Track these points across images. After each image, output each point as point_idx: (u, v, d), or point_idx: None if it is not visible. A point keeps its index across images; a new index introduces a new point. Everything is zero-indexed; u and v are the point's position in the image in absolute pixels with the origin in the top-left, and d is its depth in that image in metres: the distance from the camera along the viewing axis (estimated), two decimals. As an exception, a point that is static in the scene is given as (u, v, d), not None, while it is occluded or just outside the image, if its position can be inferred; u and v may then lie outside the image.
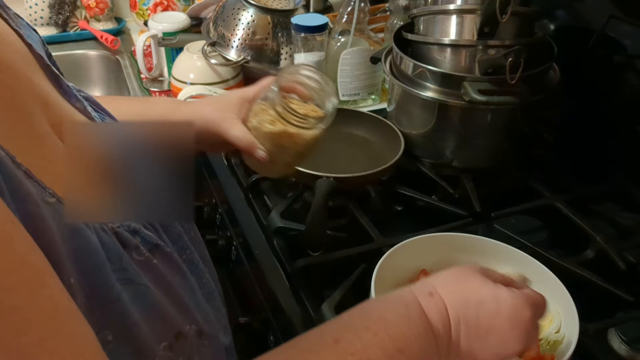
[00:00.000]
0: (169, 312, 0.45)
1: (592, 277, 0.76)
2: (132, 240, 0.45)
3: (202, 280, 0.56)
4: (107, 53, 1.48)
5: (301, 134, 0.66)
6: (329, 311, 0.69)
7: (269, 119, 0.66)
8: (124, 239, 0.44)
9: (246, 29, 1.21)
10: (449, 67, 0.89)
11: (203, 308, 0.51)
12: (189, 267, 0.53)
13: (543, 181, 0.94)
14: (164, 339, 0.44)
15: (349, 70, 1.16)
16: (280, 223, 0.83)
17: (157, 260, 0.47)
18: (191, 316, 0.47)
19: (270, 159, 0.67)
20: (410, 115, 0.96)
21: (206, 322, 0.50)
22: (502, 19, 0.81)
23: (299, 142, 0.67)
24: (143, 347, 0.42)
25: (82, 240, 0.39)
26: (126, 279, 0.42)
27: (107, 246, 0.41)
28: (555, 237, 0.86)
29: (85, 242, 0.39)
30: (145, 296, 0.43)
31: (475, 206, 0.88)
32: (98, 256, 0.40)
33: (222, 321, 0.58)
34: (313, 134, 0.67)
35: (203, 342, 0.48)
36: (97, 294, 0.39)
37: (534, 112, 0.94)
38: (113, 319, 0.40)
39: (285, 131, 0.66)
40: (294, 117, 0.65)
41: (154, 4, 1.48)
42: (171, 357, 0.44)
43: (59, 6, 1.49)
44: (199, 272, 0.56)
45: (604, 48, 0.96)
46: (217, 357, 0.52)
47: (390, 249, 0.69)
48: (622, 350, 0.67)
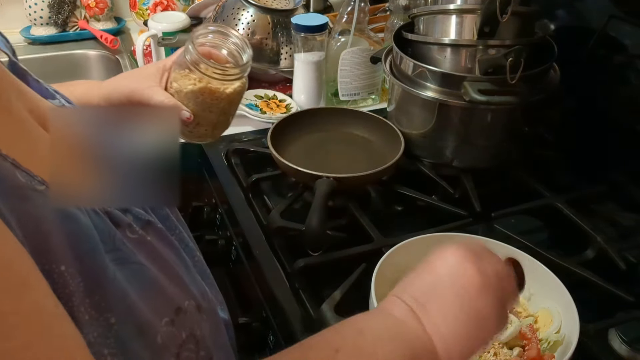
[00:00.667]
0: (167, 288, 0.45)
1: (592, 277, 0.76)
2: (124, 218, 0.45)
3: (195, 258, 0.57)
4: (107, 53, 1.48)
5: (222, 88, 0.69)
6: (329, 311, 0.69)
7: (189, 82, 0.68)
8: (116, 217, 0.44)
9: (246, 29, 1.21)
10: (449, 67, 0.89)
11: (199, 284, 0.51)
12: (181, 245, 0.53)
13: (543, 181, 0.94)
14: (165, 314, 0.44)
15: (349, 70, 1.16)
16: (280, 223, 0.83)
17: (151, 237, 0.47)
18: (189, 291, 0.48)
19: (195, 120, 0.69)
20: (410, 115, 0.96)
21: (203, 297, 0.50)
22: (502, 19, 0.81)
23: (221, 97, 0.69)
24: (145, 325, 0.42)
25: (74, 224, 0.39)
26: (120, 258, 0.42)
27: (99, 227, 0.41)
28: (555, 237, 0.86)
29: (77, 226, 0.39)
30: (142, 274, 0.44)
31: (475, 206, 0.88)
32: (92, 239, 0.40)
33: (218, 297, 0.59)
34: (234, 87, 0.69)
35: (202, 316, 0.48)
36: (94, 277, 0.39)
37: (534, 112, 0.93)
38: (113, 300, 0.40)
39: (207, 87, 0.68)
40: (213, 70, 0.67)
41: (154, 4, 1.48)
42: (174, 332, 0.44)
43: (58, 6, 1.49)
44: (190, 251, 0.56)
45: (604, 48, 0.96)
46: (217, 331, 0.52)
47: (390, 249, 0.69)
48: (622, 351, 0.67)
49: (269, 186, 0.96)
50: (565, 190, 0.92)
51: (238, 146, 1.03)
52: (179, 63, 0.70)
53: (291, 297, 0.75)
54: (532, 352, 0.61)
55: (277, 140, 0.93)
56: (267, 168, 0.97)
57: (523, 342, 0.62)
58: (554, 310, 0.65)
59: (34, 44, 1.48)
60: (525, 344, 0.62)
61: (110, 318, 0.40)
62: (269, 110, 1.15)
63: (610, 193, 0.94)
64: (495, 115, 0.90)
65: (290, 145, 0.97)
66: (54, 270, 0.36)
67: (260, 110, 1.14)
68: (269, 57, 1.22)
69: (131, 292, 0.42)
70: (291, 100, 1.18)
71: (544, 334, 0.63)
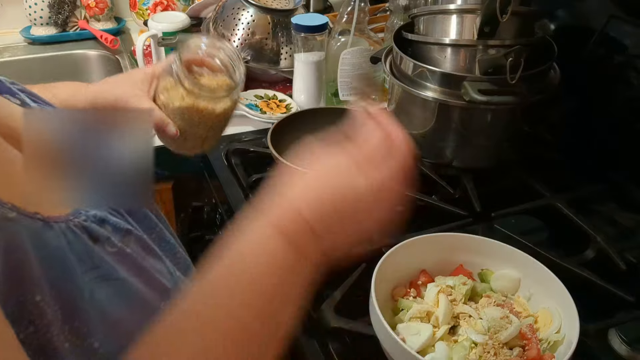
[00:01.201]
0: (151, 301, 0.45)
1: (592, 277, 0.76)
2: (102, 232, 0.44)
3: (176, 255, 0.55)
4: (107, 53, 1.48)
5: (210, 108, 0.65)
6: (329, 311, 0.69)
7: (177, 96, 0.65)
8: (94, 232, 0.43)
9: (246, 29, 1.21)
10: (449, 67, 0.89)
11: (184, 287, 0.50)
12: (160, 244, 0.52)
13: (543, 181, 0.93)
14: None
15: (349, 70, 1.16)
16: (280, 223, 0.82)
17: (131, 248, 0.46)
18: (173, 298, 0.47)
19: (182, 135, 0.66)
20: (410, 115, 0.96)
21: None
22: (502, 19, 0.81)
23: (210, 116, 0.65)
24: (131, 340, 0.41)
25: (47, 250, 0.38)
26: (101, 276, 0.42)
27: (75, 247, 0.40)
28: (555, 237, 0.85)
29: (51, 251, 0.38)
30: (125, 290, 0.43)
31: (476, 206, 0.88)
32: (66, 262, 0.39)
33: None
34: (223, 107, 0.66)
35: None
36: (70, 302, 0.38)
37: (534, 112, 0.93)
38: (93, 323, 0.39)
39: (194, 106, 0.64)
40: (202, 92, 0.64)
41: (154, 4, 1.48)
42: None
43: (58, 6, 1.49)
44: (171, 248, 0.55)
45: (604, 48, 0.96)
46: None
47: (390, 249, 0.69)
48: (622, 351, 0.67)
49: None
50: (565, 190, 0.92)
51: (238, 146, 1.03)
52: (168, 72, 0.66)
53: (291, 297, 0.75)
54: (532, 352, 0.61)
55: (277, 140, 0.93)
56: (267, 168, 0.97)
57: (523, 342, 0.62)
58: (554, 310, 0.65)
59: (34, 44, 1.48)
60: (525, 344, 0.62)
61: (94, 343, 0.39)
62: (269, 110, 1.15)
63: (610, 193, 0.94)
64: (495, 115, 0.90)
65: (290, 145, 0.97)
66: (28, 300, 0.36)
67: (260, 110, 1.14)
68: (269, 57, 1.22)
69: (113, 310, 0.41)
70: (291, 100, 1.18)
71: (544, 334, 0.63)
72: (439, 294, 0.66)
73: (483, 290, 0.69)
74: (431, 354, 0.61)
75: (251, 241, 0.45)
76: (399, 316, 0.66)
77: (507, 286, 0.70)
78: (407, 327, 0.63)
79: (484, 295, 0.68)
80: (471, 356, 0.60)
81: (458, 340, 0.63)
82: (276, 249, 0.44)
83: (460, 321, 0.64)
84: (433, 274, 0.71)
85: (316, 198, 0.47)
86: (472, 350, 0.61)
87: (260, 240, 0.45)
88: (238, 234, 0.45)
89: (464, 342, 0.62)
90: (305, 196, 0.47)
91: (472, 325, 0.63)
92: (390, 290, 0.70)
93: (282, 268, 0.44)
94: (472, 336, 0.62)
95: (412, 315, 0.65)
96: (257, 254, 0.44)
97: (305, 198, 0.47)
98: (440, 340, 0.62)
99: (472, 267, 0.72)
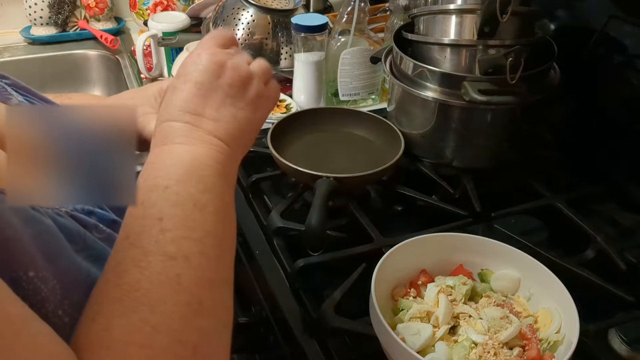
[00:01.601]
0: None
1: (592, 277, 0.76)
2: (89, 220, 0.45)
3: None
4: (107, 53, 1.48)
5: None
6: (329, 311, 0.69)
7: None
8: (81, 220, 0.44)
9: (246, 29, 1.21)
10: (449, 67, 0.89)
11: None
12: None
13: (543, 181, 0.93)
14: None
15: (349, 70, 1.16)
16: (280, 223, 0.83)
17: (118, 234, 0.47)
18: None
19: None
20: (410, 115, 0.96)
21: None
22: (502, 19, 0.81)
23: None
24: None
25: (39, 226, 0.38)
26: (93, 256, 0.42)
27: (66, 228, 0.41)
28: (555, 237, 0.86)
29: (42, 227, 0.39)
30: None
31: (475, 206, 0.88)
32: (58, 239, 0.40)
33: None
34: None
35: None
36: (69, 277, 0.39)
37: (534, 112, 0.93)
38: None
39: None
40: None
41: (154, 4, 1.48)
42: None
43: (58, 6, 1.49)
44: None
45: (604, 48, 0.96)
46: None
47: (390, 249, 0.69)
48: (622, 351, 0.67)
49: (269, 186, 0.96)
50: (565, 190, 0.92)
51: (238, 146, 1.03)
52: None
53: (291, 297, 0.75)
54: (532, 352, 0.61)
55: (277, 140, 0.93)
56: (267, 168, 0.97)
57: (523, 342, 0.62)
58: (554, 310, 0.65)
59: (34, 44, 1.48)
60: (525, 344, 0.62)
61: None
62: (269, 110, 1.14)
63: (610, 193, 0.94)
64: (495, 115, 0.90)
65: (290, 145, 0.97)
66: (21, 277, 0.36)
67: (260, 110, 1.14)
68: (269, 57, 1.22)
69: None
70: (291, 100, 1.18)
71: (544, 334, 0.63)
72: (439, 294, 0.66)
73: (483, 290, 0.69)
74: (431, 354, 0.61)
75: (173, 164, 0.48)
76: (399, 316, 0.66)
77: (507, 286, 0.70)
78: (407, 327, 0.63)
79: (484, 295, 0.68)
80: (471, 356, 0.60)
81: (458, 340, 0.63)
82: (188, 153, 0.50)
83: (460, 321, 0.64)
84: (433, 274, 0.71)
85: (187, 92, 0.52)
86: (472, 350, 0.61)
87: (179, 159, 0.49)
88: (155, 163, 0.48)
89: (464, 342, 0.62)
90: (178, 99, 0.52)
91: (472, 325, 0.63)
92: (390, 290, 0.70)
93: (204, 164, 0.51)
94: (472, 336, 0.62)
95: (412, 315, 0.65)
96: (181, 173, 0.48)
97: (179, 100, 0.52)
98: (440, 340, 0.62)
99: (472, 267, 0.72)
